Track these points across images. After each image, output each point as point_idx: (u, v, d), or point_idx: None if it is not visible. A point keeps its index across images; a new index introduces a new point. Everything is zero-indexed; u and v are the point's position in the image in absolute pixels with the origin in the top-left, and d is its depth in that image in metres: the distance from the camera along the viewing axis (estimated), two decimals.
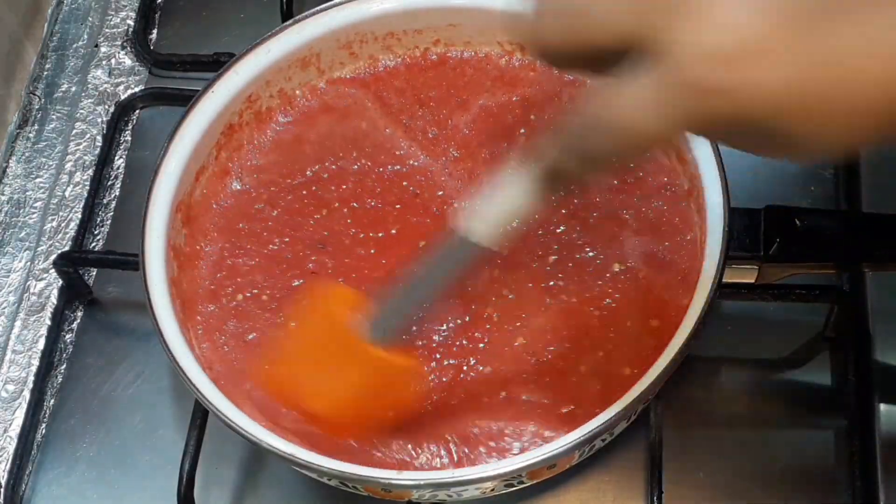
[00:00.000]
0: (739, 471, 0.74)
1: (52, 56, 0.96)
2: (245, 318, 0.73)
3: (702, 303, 0.66)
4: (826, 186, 0.84)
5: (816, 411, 0.76)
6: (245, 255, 0.76)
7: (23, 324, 0.83)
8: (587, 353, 0.70)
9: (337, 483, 0.68)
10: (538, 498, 0.74)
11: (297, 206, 0.77)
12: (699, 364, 0.77)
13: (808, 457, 0.75)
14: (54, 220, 0.87)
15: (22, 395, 0.80)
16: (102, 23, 0.97)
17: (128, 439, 0.79)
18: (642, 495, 0.74)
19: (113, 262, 0.82)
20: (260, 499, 0.76)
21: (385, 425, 0.68)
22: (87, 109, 0.93)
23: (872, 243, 0.71)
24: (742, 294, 0.77)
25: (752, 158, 0.84)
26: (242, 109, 0.78)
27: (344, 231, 0.76)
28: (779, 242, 0.69)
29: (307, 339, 0.67)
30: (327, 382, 0.65)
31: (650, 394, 0.65)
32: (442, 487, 0.65)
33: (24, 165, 0.91)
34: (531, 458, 0.63)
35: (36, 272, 0.85)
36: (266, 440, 0.65)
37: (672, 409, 0.75)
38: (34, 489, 0.78)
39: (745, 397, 0.77)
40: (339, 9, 0.79)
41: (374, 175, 0.78)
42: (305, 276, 0.75)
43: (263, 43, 0.78)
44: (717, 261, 0.67)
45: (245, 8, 0.96)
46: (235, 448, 0.76)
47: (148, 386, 0.80)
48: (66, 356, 0.83)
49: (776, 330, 0.79)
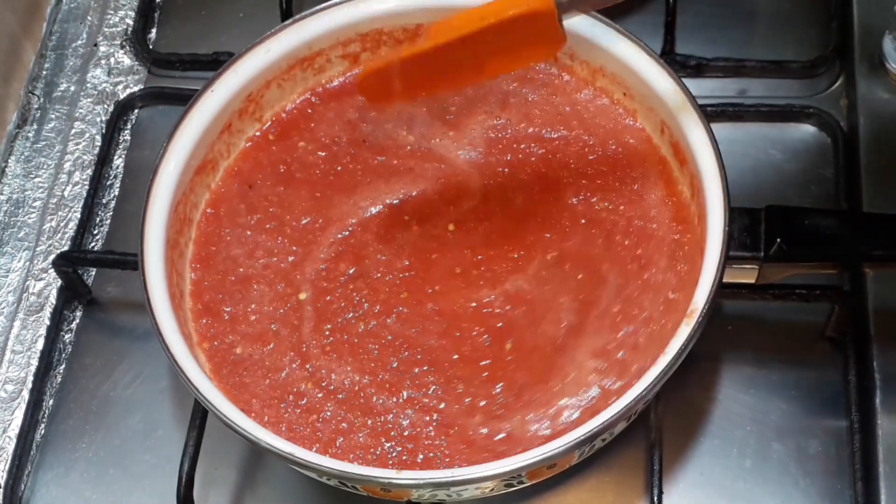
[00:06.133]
0: (739, 471, 0.74)
1: (51, 55, 0.96)
2: (246, 317, 0.73)
3: (702, 303, 0.66)
4: (826, 186, 0.84)
5: (816, 411, 0.76)
6: (245, 253, 0.76)
7: (22, 324, 0.83)
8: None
9: (336, 483, 0.68)
10: (538, 498, 0.74)
11: (297, 205, 0.77)
12: (699, 364, 0.77)
13: (808, 457, 0.75)
14: (53, 220, 0.87)
15: (21, 395, 0.80)
16: (101, 22, 0.97)
17: (127, 439, 0.78)
18: (642, 495, 0.74)
19: (112, 262, 0.82)
20: (259, 499, 0.76)
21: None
22: (86, 109, 0.93)
23: (872, 243, 0.71)
24: (742, 294, 0.76)
25: (753, 158, 0.86)
26: (242, 108, 0.78)
27: (347, 226, 0.76)
28: (779, 242, 0.69)
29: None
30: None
31: (650, 394, 0.65)
32: (441, 487, 0.65)
33: (23, 165, 0.90)
34: (531, 458, 0.63)
35: (35, 272, 0.85)
36: (266, 440, 0.65)
37: (672, 409, 0.75)
38: (33, 489, 0.78)
39: (745, 397, 0.77)
40: (338, 8, 0.79)
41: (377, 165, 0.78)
42: (306, 275, 0.75)
43: (263, 42, 0.78)
44: (717, 261, 0.67)
45: (245, 7, 0.96)
46: (235, 448, 0.76)
47: (147, 386, 0.80)
48: (65, 356, 0.82)
49: (776, 330, 0.79)
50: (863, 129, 0.83)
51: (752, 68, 0.88)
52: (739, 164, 0.84)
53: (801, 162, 0.85)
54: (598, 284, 0.73)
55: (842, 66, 0.88)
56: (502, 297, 0.73)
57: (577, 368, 0.70)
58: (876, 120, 0.84)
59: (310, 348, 0.72)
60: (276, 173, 0.79)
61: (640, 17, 0.91)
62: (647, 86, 0.75)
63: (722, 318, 0.79)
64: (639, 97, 0.77)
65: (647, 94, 0.75)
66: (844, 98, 0.87)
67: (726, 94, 0.88)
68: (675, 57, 0.88)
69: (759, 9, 0.92)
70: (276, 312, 0.74)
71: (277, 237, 0.76)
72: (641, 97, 0.76)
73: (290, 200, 0.78)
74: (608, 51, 0.76)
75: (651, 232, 0.74)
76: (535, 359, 0.71)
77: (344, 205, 0.77)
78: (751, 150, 0.86)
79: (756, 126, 0.87)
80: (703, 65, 0.88)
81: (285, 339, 0.73)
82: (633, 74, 0.75)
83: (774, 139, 0.86)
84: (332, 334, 0.73)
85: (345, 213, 0.77)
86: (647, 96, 0.75)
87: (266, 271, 0.75)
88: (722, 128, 0.83)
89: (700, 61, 0.88)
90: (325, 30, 0.79)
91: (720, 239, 0.68)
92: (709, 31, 0.91)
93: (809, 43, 0.90)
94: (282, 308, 0.74)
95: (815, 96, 0.87)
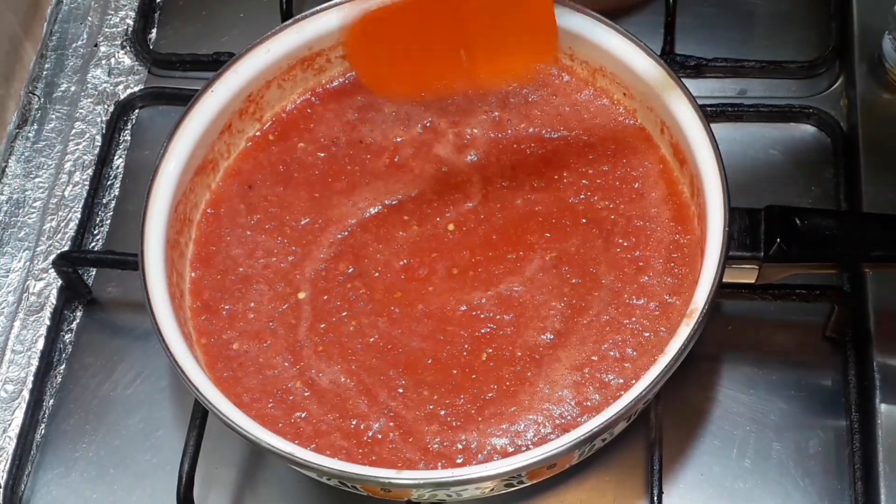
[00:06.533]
0: (739, 471, 0.74)
1: (51, 55, 0.96)
2: (244, 314, 0.73)
3: (702, 303, 0.66)
4: (826, 186, 0.84)
5: (816, 411, 0.76)
6: (245, 253, 0.76)
7: (22, 324, 0.83)
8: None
9: (336, 483, 0.68)
10: (538, 498, 0.74)
11: (296, 205, 0.77)
12: (699, 364, 0.77)
13: (808, 457, 0.75)
14: (53, 220, 0.87)
15: (21, 395, 0.80)
16: (102, 22, 0.97)
17: (127, 439, 0.78)
18: (642, 495, 0.74)
19: (112, 262, 0.82)
20: (259, 499, 0.76)
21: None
22: (87, 109, 0.93)
23: (872, 243, 0.71)
24: (742, 294, 0.77)
25: (753, 158, 0.86)
26: (242, 108, 0.78)
27: (347, 227, 0.76)
28: (779, 242, 0.69)
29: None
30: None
31: (650, 394, 0.65)
32: (441, 487, 0.65)
33: (23, 165, 0.90)
34: (531, 458, 0.63)
35: (35, 272, 0.85)
36: (266, 440, 0.65)
37: (672, 409, 0.75)
38: (33, 489, 0.78)
39: (745, 397, 0.77)
40: (338, 8, 0.79)
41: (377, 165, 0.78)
42: (305, 275, 0.75)
43: (263, 42, 0.78)
44: (717, 261, 0.67)
45: (245, 7, 0.96)
46: (235, 448, 0.76)
47: (147, 386, 0.80)
48: (65, 356, 0.82)
49: (776, 330, 0.79)
50: (863, 129, 0.83)
51: (752, 68, 0.88)
52: (739, 164, 0.84)
53: (801, 162, 0.85)
54: (592, 288, 0.72)
55: (841, 66, 0.88)
56: (494, 300, 0.73)
57: (551, 384, 0.69)
58: (876, 120, 0.84)
59: (304, 347, 0.72)
60: (275, 173, 0.79)
61: (640, 17, 0.91)
62: (646, 86, 0.75)
63: (722, 318, 0.79)
64: (638, 97, 0.77)
65: (646, 93, 0.75)
66: (844, 98, 0.87)
67: (726, 94, 0.88)
68: (675, 57, 0.88)
69: (758, 9, 0.92)
70: (275, 311, 0.74)
71: (277, 237, 0.76)
72: (641, 97, 0.76)
73: (290, 201, 0.78)
74: (608, 51, 0.76)
75: (650, 232, 0.74)
76: (508, 372, 0.70)
77: (343, 205, 0.77)
78: (751, 150, 0.86)
79: (756, 126, 0.87)
80: (702, 65, 0.88)
81: (282, 337, 0.73)
82: (633, 74, 0.75)
83: (774, 139, 0.86)
84: (325, 333, 0.73)
85: (344, 213, 0.77)
86: (647, 96, 0.75)
87: (266, 271, 0.75)
88: (722, 128, 0.84)
89: (700, 61, 0.88)
90: (325, 30, 0.79)
91: (720, 239, 0.68)
92: (708, 31, 0.91)
93: (809, 43, 0.90)
94: (280, 307, 0.74)
95: (814, 96, 0.87)
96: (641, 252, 0.73)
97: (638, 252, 0.73)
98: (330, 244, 0.76)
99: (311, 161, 0.79)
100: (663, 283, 0.72)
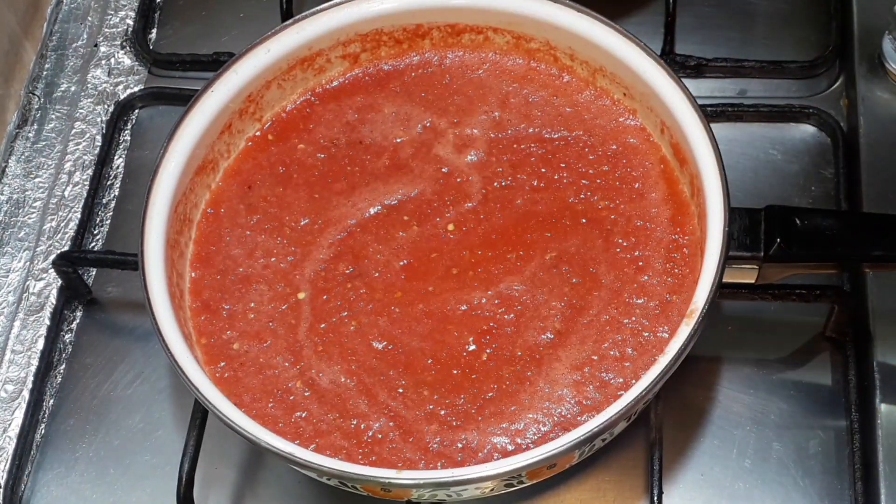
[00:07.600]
0: (739, 471, 0.74)
1: (51, 56, 0.96)
2: (244, 314, 0.73)
3: (702, 302, 0.66)
4: (826, 186, 0.84)
5: (816, 411, 0.76)
6: (245, 253, 0.76)
7: (22, 324, 0.83)
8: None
9: (336, 483, 0.68)
10: (538, 498, 0.74)
11: (296, 205, 0.77)
12: (699, 364, 0.77)
13: (808, 457, 0.75)
14: (53, 220, 0.87)
15: (21, 395, 0.80)
16: (102, 22, 0.97)
17: (127, 439, 0.79)
18: (642, 495, 0.74)
19: (112, 262, 0.82)
20: (259, 499, 0.76)
21: None
22: (87, 109, 0.93)
23: (872, 243, 0.71)
24: (742, 294, 0.76)
25: (753, 158, 0.86)
26: (242, 108, 0.78)
27: (347, 227, 0.76)
28: (779, 242, 0.69)
29: None
30: None
31: (650, 394, 0.65)
32: (441, 487, 0.65)
33: (23, 165, 0.90)
34: (531, 458, 0.63)
35: (35, 272, 0.85)
36: (266, 440, 0.65)
37: (672, 409, 0.75)
38: (33, 489, 0.78)
39: (745, 397, 0.77)
40: (338, 8, 0.79)
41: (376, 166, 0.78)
42: (305, 275, 0.75)
43: (263, 42, 0.78)
44: (717, 261, 0.67)
45: (245, 8, 0.96)
46: (235, 448, 0.77)
47: (147, 386, 0.80)
48: (65, 356, 0.82)
49: (776, 330, 0.79)
50: (863, 129, 0.83)
51: (752, 68, 0.88)
52: (739, 164, 0.84)
53: (801, 162, 0.85)
54: (592, 288, 0.72)
55: (841, 66, 0.88)
56: (494, 300, 0.73)
57: (551, 383, 0.69)
58: (876, 120, 0.84)
59: (304, 347, 0.72)
60: (275, 174, 0.79)
61: (640, 17, 0.91)
62: (646, 86, 0.75)
63: (722, 318, 0.79)
64: (639, 97, 0.77)
65: (646, 93, 0.75)
66: (844, 98, 0.87)
67: (726, 94, 0.88)
68: (675, 57, 0.88)
69: (758, 9, 0.92)
70: (275, 311, 0.74)
71: (277, 237, 0.76)
72: (641, 97, 0.76)
73: (290, 201, 0.78)
74: (608, 51, 0.76)
75: (650, 232, 0.74)
76: (508, 371, 0.70)
77: (343, 205, 0.77)
78: (751, 150, 0.86)
79: (756, 126, 0.87)
80: (702, 65, 0.88)
81: (282, 337, 0.73)
82: (633, 74, 0.75)
83: (774, 139, 0.86)
84: (325, 333, 0.73)
85: (344, 214, 0.77)
86: (647, 96, 0.75)
87: (266, 271, 0.75)
88: (722, 128, 0.84)
89: (700, 61, 0.88)
90: (325, 30, 0.79)
91: (720, 239, 0.68)
92: (708, 31, 0.91)
93: (809, 43, 0.90)
94: (280, 307, 0.74)
95: (814, 96, 0.87)
96: (641, 252, 0.73)
97: (638, 252, 0.73)
98: (330, 244, 0.76)
99: (311, 161, 0.79)
100: (663, 283, 0.72)
